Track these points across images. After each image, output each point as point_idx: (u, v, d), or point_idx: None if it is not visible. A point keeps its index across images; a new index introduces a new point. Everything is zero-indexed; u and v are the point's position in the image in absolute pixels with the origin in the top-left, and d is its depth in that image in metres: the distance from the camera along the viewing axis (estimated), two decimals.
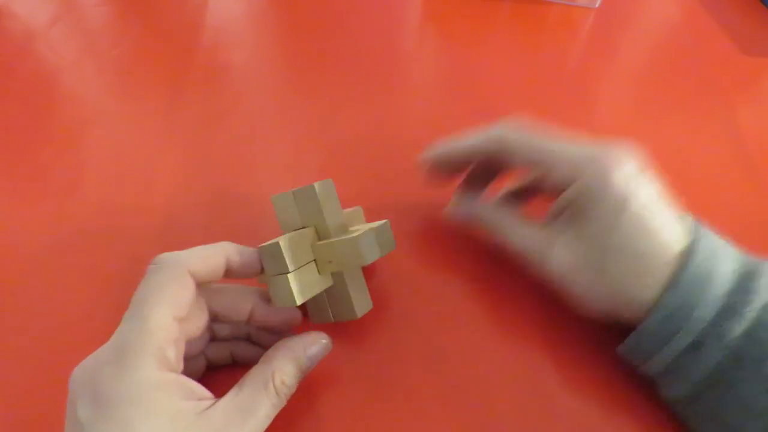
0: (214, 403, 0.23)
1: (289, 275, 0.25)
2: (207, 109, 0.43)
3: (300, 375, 0.25)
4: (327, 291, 0.28)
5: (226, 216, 0.36)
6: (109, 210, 0.37)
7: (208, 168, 0.39)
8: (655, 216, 0.26)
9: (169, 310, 0.23)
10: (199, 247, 0.25)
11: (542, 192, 0.31)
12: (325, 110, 0.42)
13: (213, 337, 0.28)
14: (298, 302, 0.25)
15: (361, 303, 0.28)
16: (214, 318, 0.27)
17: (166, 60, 0.46)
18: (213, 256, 0.25)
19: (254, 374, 0.24)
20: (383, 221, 0.30)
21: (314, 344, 0.26)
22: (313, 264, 0.27)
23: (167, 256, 0.25)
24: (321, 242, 0.27)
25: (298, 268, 0.26)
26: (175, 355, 0.23)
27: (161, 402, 0.21)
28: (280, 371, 0.24)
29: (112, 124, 0.42)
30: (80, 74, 0.45)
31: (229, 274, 0.26)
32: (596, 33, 0.50)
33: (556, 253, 0.28)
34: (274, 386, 0.24)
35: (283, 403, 0.24)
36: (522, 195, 0.33)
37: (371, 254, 0.26)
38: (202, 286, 0.26)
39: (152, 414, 0.21)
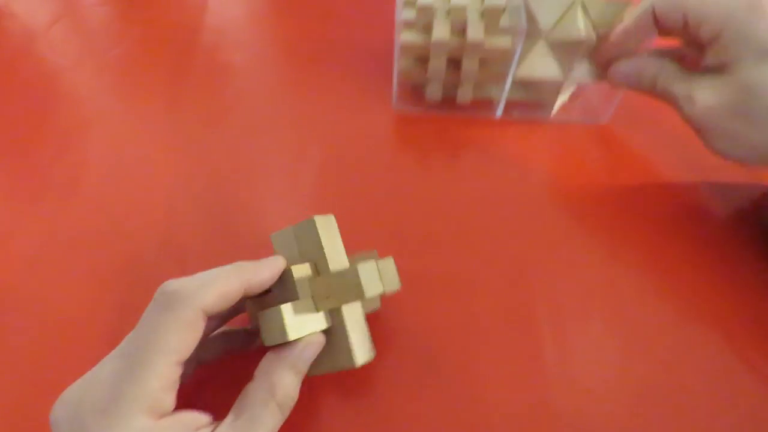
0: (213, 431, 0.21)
1: (282, 307, 0.23)
2: (207, 109, 0.43)
3: (300, 382, 0.24)
4: (327, 335, 0.25)
5: (226, 216, 0.36)
6: (109, 210, 0.37)
7: (208, 168, 0.39)
8: None
9: (173, 357, 0.21)
10: (214, 275, 0.23)
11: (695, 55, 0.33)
12: (325, 110, 0.42)
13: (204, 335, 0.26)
14: (291, 337, 0.23)
15: (361, 348, 0.25)
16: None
17: (166, 60, 0.46)
18: (230, 288, 0.23)
19: (253, 392, 0.23)
20: (387, 258, 0.28)
21: (308, 346, 0.24)
22: (310, 300, 0.25)
23: (178, 289, 0.22)
24: (319, 276, 0.25)
25: (294, 300, 0.24)
26: (171, 398, 0.21)
27: None
28: (281, 385, 0.23)
29: (112, 124, 0.42)
30: (80, 74, 0.45)
31: (244, 296, 0.24)
32: None
33: (700, 97, 0.30)
34: (277, 402, 0.22)
35: (287, 416, 0.23)
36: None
37: (373, 287, 0.24)
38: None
39: None
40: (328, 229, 0.26)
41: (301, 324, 0.24)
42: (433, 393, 0.29)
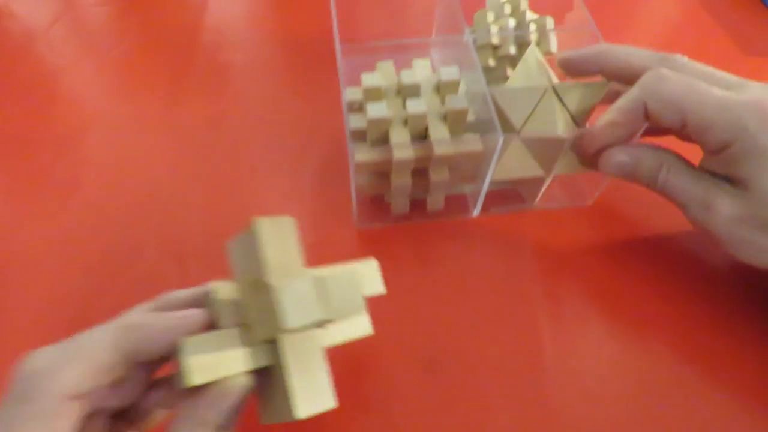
0: None
1: (184, 340, 0.18)
2: (207, 109, 0.42)
3: None
4: (271, 376, 0.20)
5: (226, 215, 0.36)
6: (109, 210, 0.37)
7: (208, 168, 0.39)
8: None
9: None
10: (83, 343, 0.18)
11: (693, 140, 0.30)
12: (324, 110, 0.42)
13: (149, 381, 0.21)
14: (195, 381, 0.18)
15: (306, 395, 0.19)
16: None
17: (166, 60, 0.46)
18: (102, 362, 0.18)
19: None
20: (367, 261, 0.22)
21: (222, 395, 0.19)
22: (235, 330, 0.19)
23: (36, 369, 0.18)
24: (251, 297, 0.20)
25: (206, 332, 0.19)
26: None
27: None
28: None
29: (112, 124, 0.42)
30: (80, 74, 0.45)
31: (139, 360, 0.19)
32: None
33: (721, 206, 0.27)
34: None
35: None
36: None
37: (298, 314, 0.18)
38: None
39: None
40: (277, 236, 0.20)
41: (213, 364, 0.18)
42: (433, 393, 0.29)
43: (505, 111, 0.31)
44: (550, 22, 0.37)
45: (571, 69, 0.32)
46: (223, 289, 0.20)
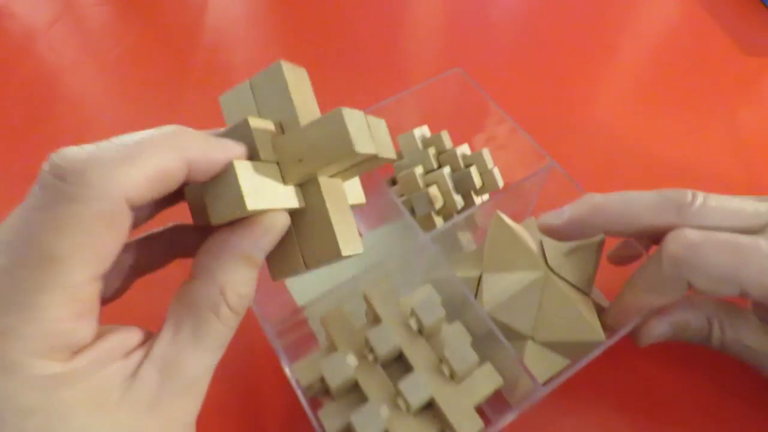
0: (147, 354, 0.15)
1: (234, 162, 0.16)
2: (207, 109, 0.42)
3: (256, 277, 0.17)
4: (295, 221, 0.18)
5: None
6: None
7: None
8: None
9: (84, 272, 0.14)
10: (141, 143, 0.15)
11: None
12: (324, 110, 0.42)
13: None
14: (249, 207, 0.16)
15: (346, 236, 0.18)
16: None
17: (166, 60, 0.46)
18: (168, 166, 0.15)
19: (195, 295, 0.16)
20: (378, 119, 0.19)
21: (269, 229, 0.17)
22: (275, 165, 0.18)
23: (86, 163, 0.14)
24: (286, 134, 0.18)
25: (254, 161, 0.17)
26: (89, 327, 0.14)
27: (72, 412, 0.14)
28: (233, 284, 0.16)
29: (112, 124, 0.42)
30: (80, 74, 0.45)
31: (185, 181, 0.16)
32: (596, 33, 0.50)
33: None
34: (229, 306, 0.16)
35: (240, 320, 0.17)
36: None
37: (363, 141, 0.17)
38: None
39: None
40: (298, 84, 0.19)
41: (264, 192, 0.16)
42: None
43: (508, 323, 0.26)
44: (487, 155, 0.32)
45: (562, 236, 0.26)
46: (256, 120, 0.18)
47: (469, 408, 0.22)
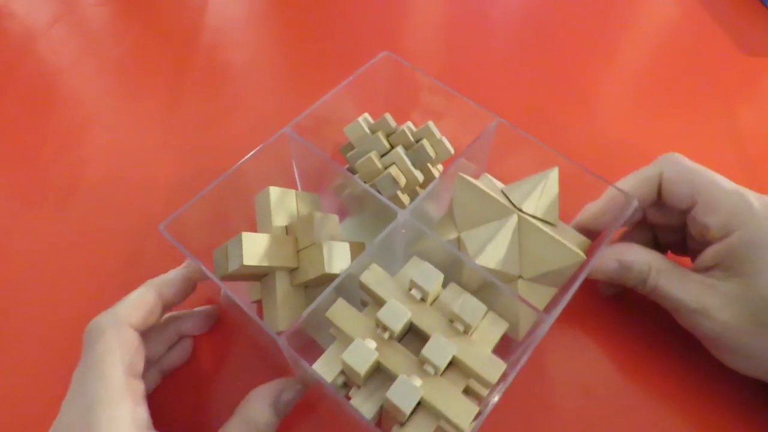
0: None
1: (243, 234, 0.26)
2: (207, 109, 0.42)
3: (278, 422, 0.25)
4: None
5: (226, 215, 0.36)
6: (109, 210, 0.37)
7: (208, 168, 0.39)
8: None
9: (125, 371, 0.22)
10: (127, 298, 0.25)
11: (689, 242, 0.30)
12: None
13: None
14: (245, 262, 0.25)
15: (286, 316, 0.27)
16: None
17: (166, 60, 0.46)
18: (145, 300, 0.25)
19: (231, 429, 0.24)
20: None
21: (288, 389, 0.26)
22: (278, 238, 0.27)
23: (102, 319, 0.24)
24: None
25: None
26: (143, 411, 0.23)
27: None
28: (259, 420, 0.24)
29: (112, 124, 0.42)
30: (80, 74, 0.45)
31: (166, 307, 0.26)
32: (597, 33, 0.50)
33: (715, 310, 0.26)
34: None
35: None
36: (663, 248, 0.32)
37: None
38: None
39: None
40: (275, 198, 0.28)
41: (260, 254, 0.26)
42: None
43: (498, 269, 0.27)
44: (433, 126, 0.33)
45: (599, 227, 0.30)
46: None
47: (488, 354, 0.23)
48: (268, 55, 0.47)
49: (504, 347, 0.26)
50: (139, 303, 0.25)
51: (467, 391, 0.24)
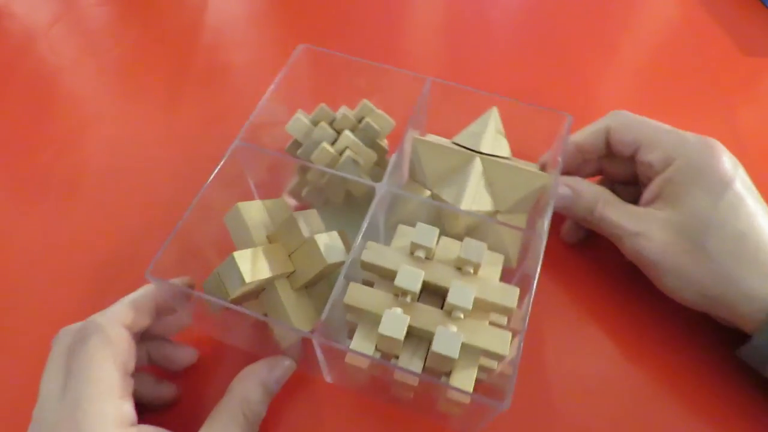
0: None
1: (234, 254, 0.25)
2: (207, 109, 0.43)
3: (268, 399, 0.26)
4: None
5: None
6: (109, 210, 0.37)
7: (208, 168, 0.39)
8: (758, 200, 0.28)
9: (116, 373, 0.23)
10: (124, 299, 0.25)
11: (637, 183, 0.32)
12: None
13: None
14: (246, 279, 0.24)
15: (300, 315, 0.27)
16: None
17: (166, 60, 0.46)
18: (140, 303, 0.25)
19: (224, 407, 0.24)
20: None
21: (277, 366, 0.26)
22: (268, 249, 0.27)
23: (96, 319, 0.24)
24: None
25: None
26: (130, 409, 0.23)
27: None
28: (250, 400, 0.25)
29: (112, 124, 0.42)
30: (80, 74, 0.45)
31: (161, 312, 0.27)
32: (597, 34, 0.50)
33: (651, 235, 0.28)
34: (245, 415, 0.24)
35: (256, 430, 0.25)
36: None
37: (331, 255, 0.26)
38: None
39: None
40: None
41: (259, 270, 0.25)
42: None
43: (478, 209, 0.29)
44: (368, 103, 0.35)
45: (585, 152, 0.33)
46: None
47: (499, 284, 0.25)
48: (268, 55, 0.47)
49: (505, 280, 0.27)
50: (135, 305, 0.25)
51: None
